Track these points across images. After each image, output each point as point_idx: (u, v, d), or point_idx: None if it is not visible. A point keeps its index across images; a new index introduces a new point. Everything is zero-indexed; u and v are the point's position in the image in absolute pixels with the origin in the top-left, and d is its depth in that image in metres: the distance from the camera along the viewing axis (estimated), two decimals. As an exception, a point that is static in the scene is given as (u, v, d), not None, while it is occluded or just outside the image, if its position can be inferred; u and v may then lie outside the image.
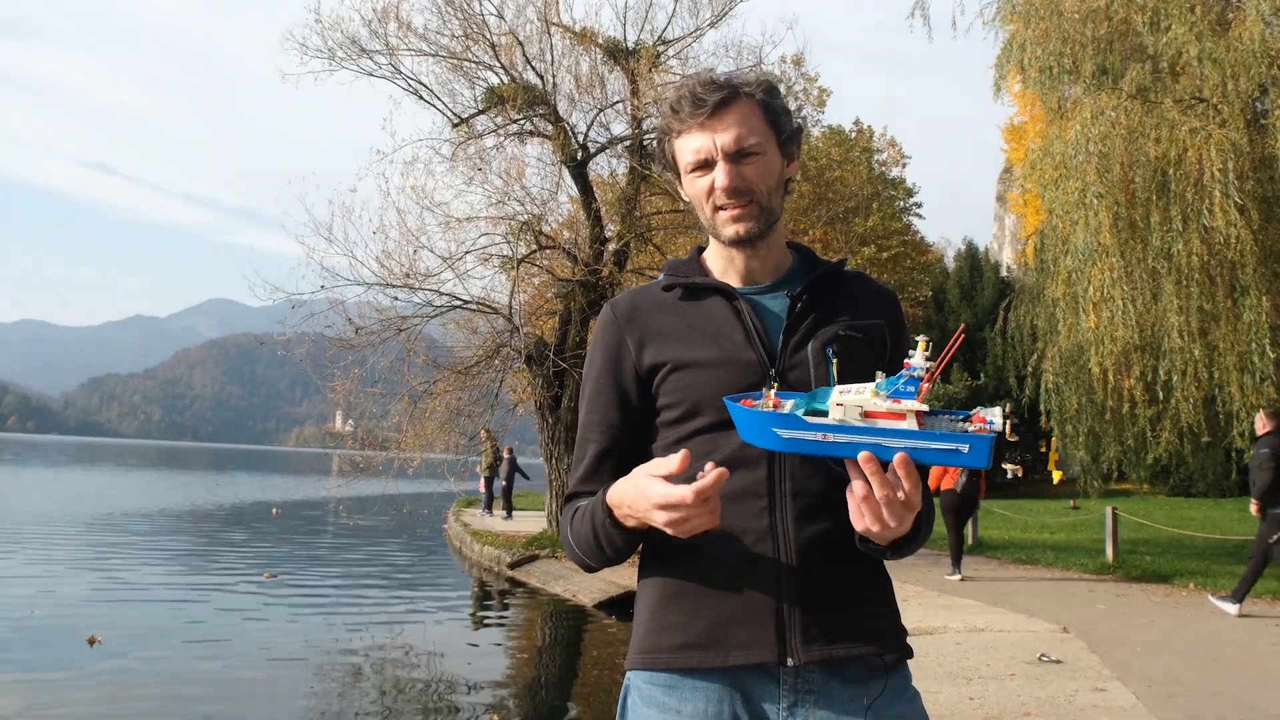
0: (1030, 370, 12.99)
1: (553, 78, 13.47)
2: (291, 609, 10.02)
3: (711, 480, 1.20)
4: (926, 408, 1.19)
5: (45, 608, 9.18)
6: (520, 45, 13.21)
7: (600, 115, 13.77)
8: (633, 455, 1.48)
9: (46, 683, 6.49)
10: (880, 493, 1.21)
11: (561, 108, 13.53)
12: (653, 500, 1.24)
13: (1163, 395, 10.75)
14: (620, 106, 13.78)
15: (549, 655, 8.87)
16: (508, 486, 20.04)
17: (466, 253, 13.33)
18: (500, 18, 13.29)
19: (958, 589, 10.29)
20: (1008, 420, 1.16)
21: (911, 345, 1.23)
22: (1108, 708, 5.21)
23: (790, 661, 1.37)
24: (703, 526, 1.25)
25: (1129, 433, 11.62)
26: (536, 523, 16.77)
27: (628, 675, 1.49)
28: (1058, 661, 6.41)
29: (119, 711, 5.94)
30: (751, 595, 1.39)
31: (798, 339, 1.47)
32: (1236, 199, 9.69)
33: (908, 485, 1.21)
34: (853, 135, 27.59)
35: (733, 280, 1.53)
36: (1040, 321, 12.46)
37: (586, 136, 13.74)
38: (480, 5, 13.23)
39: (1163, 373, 10.58)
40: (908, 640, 1.50)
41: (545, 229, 13.61)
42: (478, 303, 13.57)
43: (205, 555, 14.81)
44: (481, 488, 20.45)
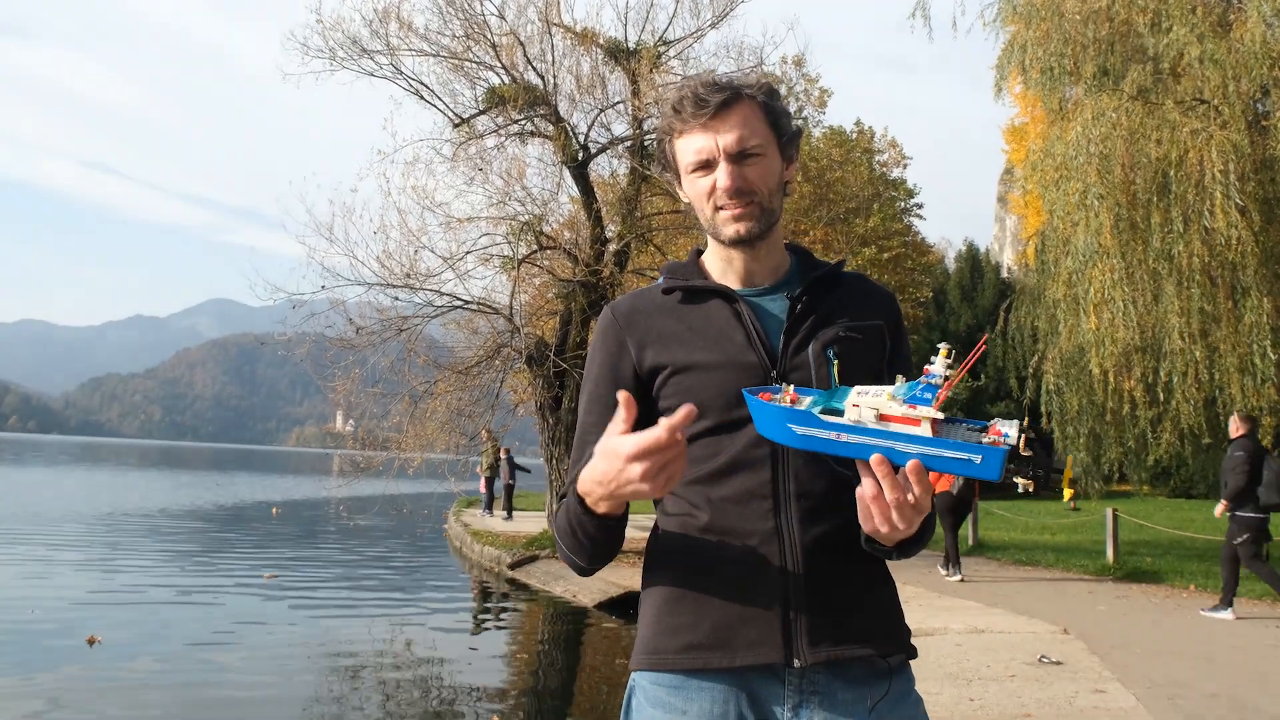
0: (1031, 371, 12.99)
1: (554, 78, 13.47)
2: (292, 609, 10.02)
3: (682, 415, 1.18)
4: (942, 415, 1.19)
5: (45, 608, 9.18)
6: (521, 45, 13.21)
7: (601, 116, 13.78)
8: None
9: (46, 682, 6.49)
10: (891, 495, 1.21)
11: (562, 108, 13.54)
12: (626, 453, 1.19)
13: (1163, 397, 10.75)
14: (621, 107, 13.79)
15: (549, 656, 8.87)
16: (509, 487, 20.06)
17: (467, 253, 13.34)
18: (501, 18, 13.30)
19: (958, 590, 10.29)
20: (1023, 434, 1.16)
21: (933, 351, 1.23)
22: (1108, 709, 5.21)
23: (796, 663, 1.37)
24: (678, 474, 1.21)
25: (1129, 434, 11.63)
26: (537, 523, 16.77)
27: (632, 676, 1.49)
28: (1058, 663, 6.41)
29: (119, 711, 5.94)
30: (757, 596, 1.39)
31: (798, 340, 1.47)
32: (1237, 200, 9.70)
33: (918, 490, 1.21)
34: (853, 136, 27.60)
35: (732, 282, 1.53)
36: (1041, 323, 12.47)
37: (587, 137, 13.75)
38: (481, 5, 13.24)
39: (1163, 374, 10.59)
40: (911, 641, 1.50)
41: (546, 229, 13.61)
42: (478, 303, 13.57)
43: (205, 555, 14.82)
44: (482, 488, 20.47)
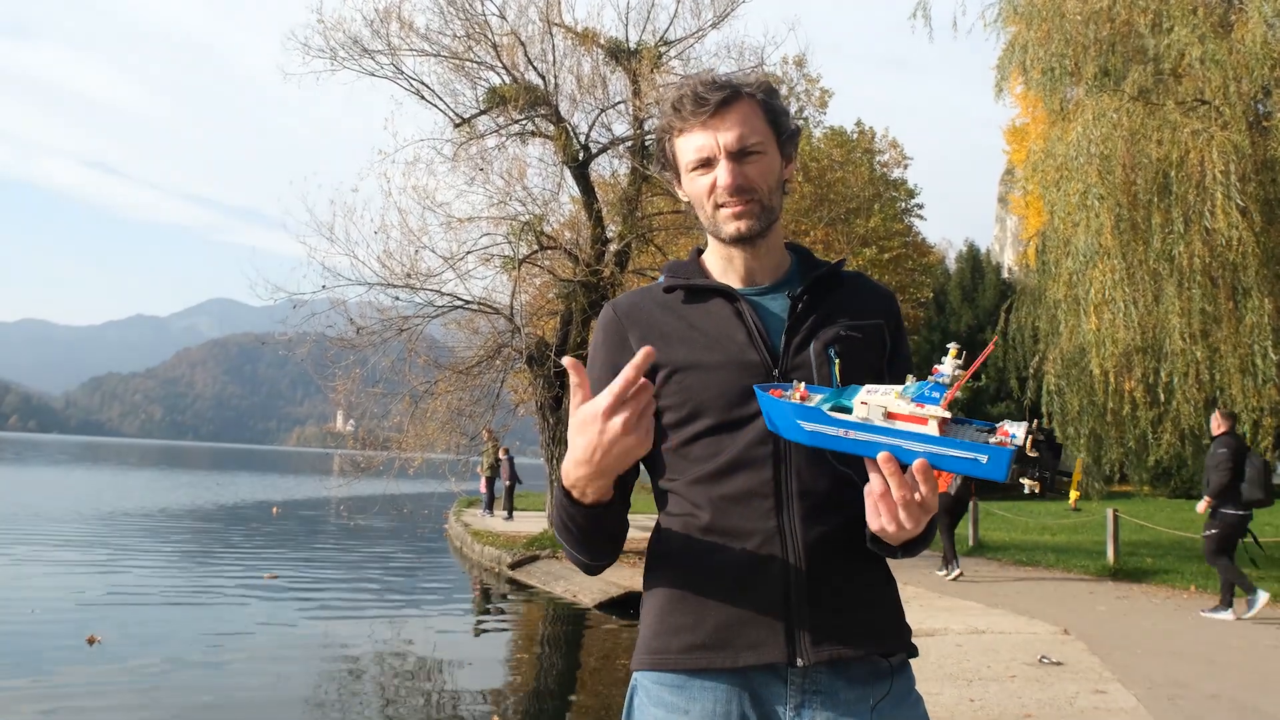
0: (1032, 372, 12.99)
1: (554, 78, 13.48)
2: (292, 609, 10.03)
3: (642, 356, 1.17)
4: (949, 415, 1.19)
5: (45, 607, 9.18)
6: (522, 46, 13.22)
7: (602, 116, 13.78)
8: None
9: (46, 682, 6.49)
10: (898, 493, 1.21)
11: (563, 108, 13.54)
12: (603, 408, 1.17)
13: (1164, 397, 10.75)
14: (622, 107, 13.79)
15: (550, 656, 8.87)
16: (510, 487, 20.07)
17: (468, 253, 13.34)
18: (502, 18, 13.31)
19: (958, 591, 10.29)
20: (1029, 436, 1.16)
21: (936, 352, 1.23)
22: (1108, 710, 5.20)
23: (799, 662, 1.37)
24: (652, 426, 1.20)
25: (1130, 435, 11.63)
26: (537, 523, 16.77)
27: (634, 676, 1.49)
28: (1058, 663, 6.41)
29: (119, 711, 5.94)
30: (760, 596, 1.39)
31: (799, 340, 1.47)
32: (1238, 201, 9.69)
33: (925, 489, 1.21)
34: (854, 136, 27.61)
35: (732, 281, 1.54)
36: (1042, 323, 12.46)
37: (588, 137, 13.75)
38: (482, 5, 13.25)
39: (1164, 375, 10.59)
40: (912, 640, 1.50)
41: (547, 229, 13.61)
42: (479, 303, 13.58)
43: (206, 555, 14.82)
44: (483, 488, 20.48)
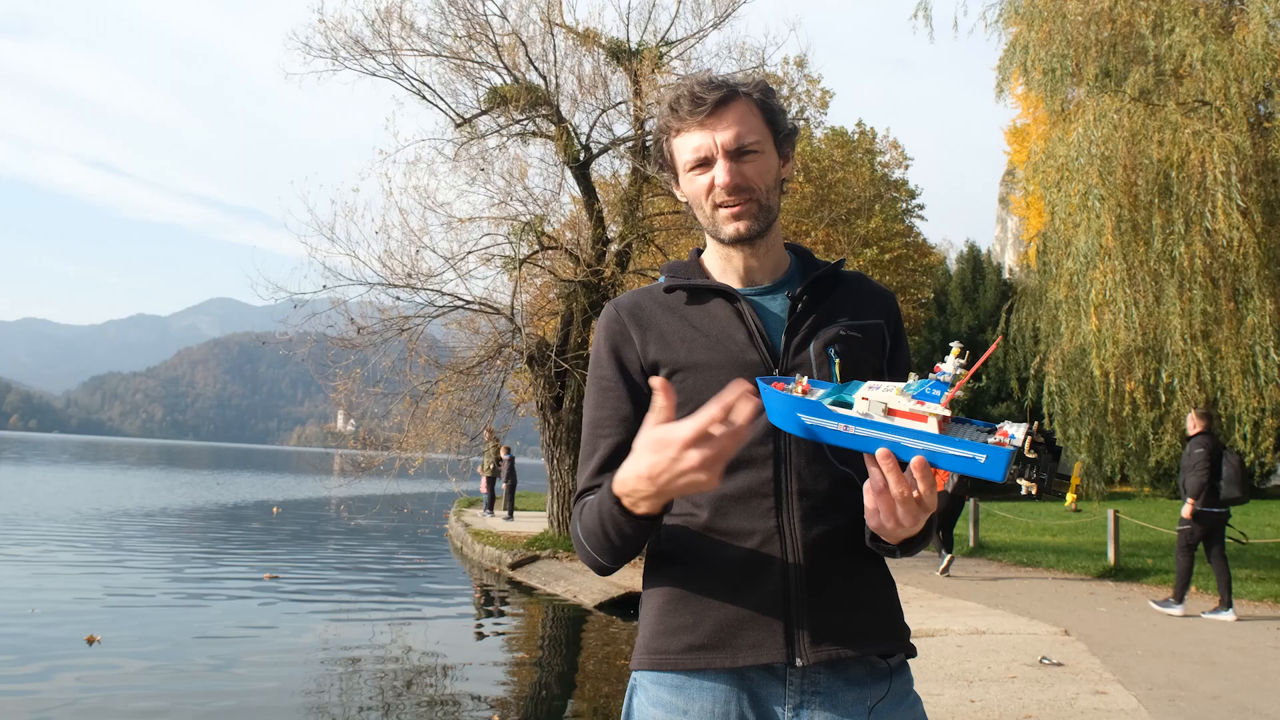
0: (1032, 373, 12.99)
1: (555, 78, 13.49)
2: (292, 609, 10.02)
3: (735, 393, 1.13)
4: (949, 413, 1.19)
5: (45, 606, 9.19)
6: (523, 46, 13.23)
7: (603, 116, 13.79)
8: None
9: (46, 682, 6.49)
10: (896, 490, 1.21)
11: (564, 108, 13.55)
12: (682, 438, 1.13)
13: (1165, 398, 10.75)
14: (623, 107, 13.80)
15: (550, 656, 8.87)
16: (510, 487, 20.07)
17: (469, 253, 13.35)
18: (503, 18, 13.32)
19: (959, 591, 10.29)
20: (1028, 437, 1.16)
21: (938, 352, 1.22)
22: (1109, 711, 5.20)
23: (799, 662, 1.38)
24: (731, 453, 1.15)
25: (1131, 435, 11.62)
26: (538, 523, 16.77)
27: (634, 675, 1.49)
28: (1059, 664, 6.40)
29: (119, 711, 5.94)
30: (759, 596, 1.39)
31: (799, 339, 1.48)
32: (1239, 202, 9.69)
33: (923, 487, 1.21)
34: (855, 137, 27.62)
35: (732, 281, 1.54)
36: (1042, 324, 12.46)
37: (589, 137, 13.76)
38: (483, 5, 13.26)
39: (1165, 376, 10.58)
40: (910, 640, 1.50)
41: (547, 229, 13.62)
42: (480, 303, 13.58)
43: (206, 555, 14.82)
44: (483, 488, 20.48)
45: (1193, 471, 8.67)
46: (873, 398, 1.22)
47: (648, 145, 13.13)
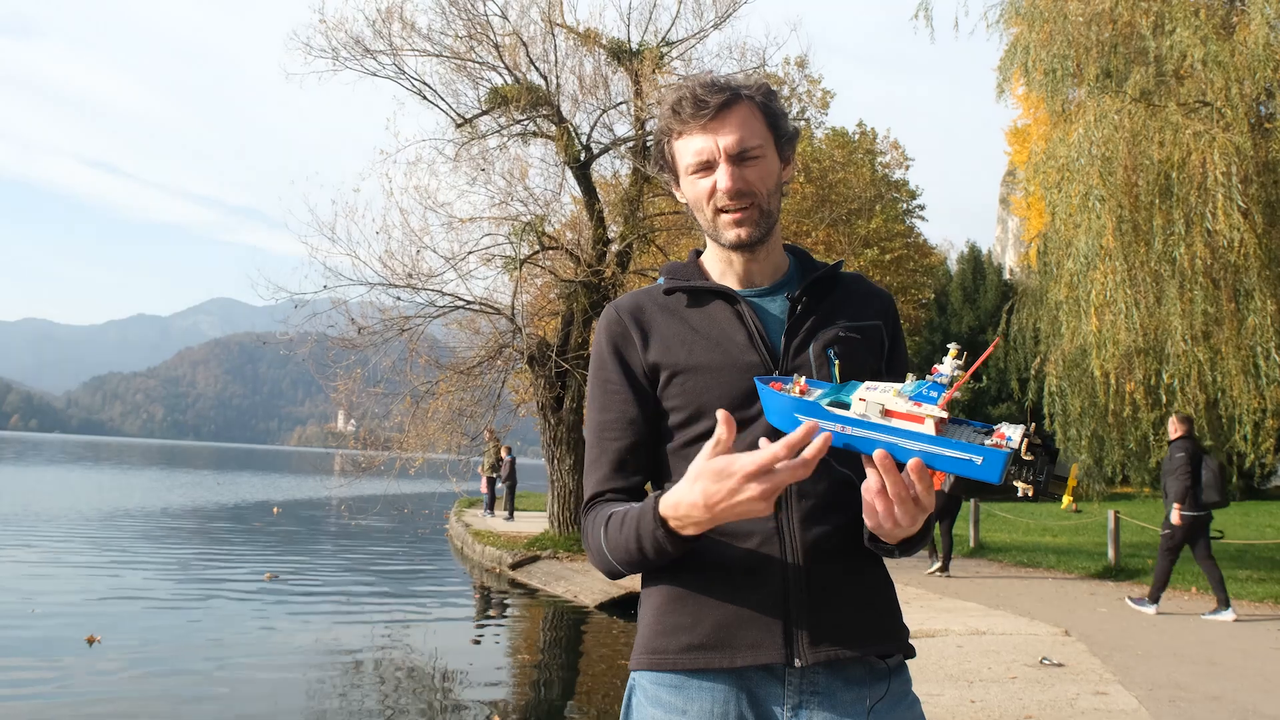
0: (1033, 373, 12.98)
1: (556, 78, 13.50)
2: (292, 609, 10.03)
3: (802, 432, 1.16)
4: (946, 414, 1.19)
5: (45, 606, 9.19)
6: (524, 46, 13.23)
7: (604, 116, 13.80)
8: (653, 453, 1.49)
9: (46, 682, 6.49)
10: (893, 490, 1.21)
11: (565, 108, 13.56)
12: (745, 472, 1.17)
13: (1166, 399, 10.74)
14: (624, 108, 13.81)
15: (550, 656, 8.87)
16: (511, 487, 20.07)
17: (469, 253, 13.36)
18: (504, 18, 13.33)
19: (959, 591, 10.29)
20: (1025, 439, 1.16)
21: (938, 352, 1.22)
22: (1109, 711, 5.20)
23: (797, 662, 1.38)
24: (783, 489, 1.19)
25: (1131, 436, 11.61)
26: (538, 524, 16.77)
27: (633, 675, 1.49)
28: (1059, 665, 6.40)
29: (118, 711, 5.94)
30: (758, 596, 1.39)
31: (799, 341, 1.48)
32: (1240, 203, 9.68)
33: (920, 488, 1.21)
34: (856, 137, 27.62)
35: (732, 283, 1.54)
36: (1043, 324, 12.46)
37: (590, 137, 13.76)
38: (484, 6, 13.27)
39: (1166, 376, 10.57)
40: (909, 640, 1.50)
41: (548, 230, 13.63)
42: (480, 303, 13.58)
43: (206, 555, 14.82)
44: (484, 488, 20.48)
45: (1174, 476, 8.73)
46: (870, 399, 1.22)
47: (648, 145, 13.13)
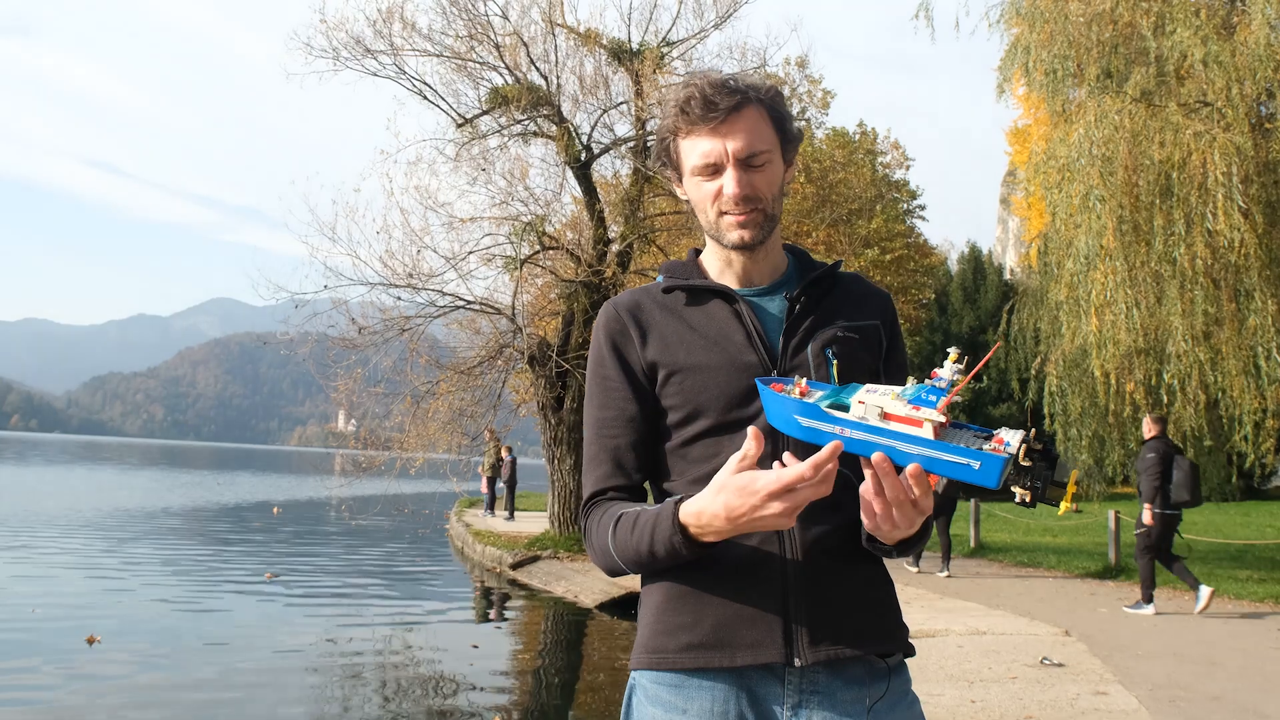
0: (1033, 373, 12.98)
1: (557, 78, 13.50)
2: (292, 609, 10.03)
3: (828, 452, 1.18)
4: (944, 419, 1.19)
5: (45, 606, 9.19)
6: (525, 46, 13.24)
7: (604, 116, 13.81)
8: (653, 451, 1.49)
9: (46, 682, 6.50)
10: (891, 493, 1.22)
11: (565, 108, 13.56)
12: (767, 490, 1.20)
13: (1166, 399, 10.74)
14: (624, 108, 13.81)
15: (551, 656, 8.87)
16: (511, 487, 20.07)
17: (470, 253, 13.37)
18: (505, 18, 13.33)
19: (960, 591, 10.29)
20: (1024, 445, 1.16)
21: (939, 353, 1.22)
22: (1110, 711, 5.20)
23: (797, 662, 1.38)
24: (811, 499, 1.22)
25: (1132, 436, 11.62)
26: (539, 523, 16.77)
27: (633, 675, 1.48)
28: (1060, 665, 6.40)
29: (118, 712, 5.94)
30: (758, 596, 1.39)
31: (797, 341, 1.48)
32: (1240, 203, 9.68)
33: (918, 492, 1.21)
34: (856, 137, 27.60)
35: (730, 282, 1.54)
36: (1043, 325, 12.46)
37: (590, 137, 13.77)
38: (485, 6, 13.27)
39: (1166, 377, 10.57)
40: (909, 640, 1.50)
41: (549, 230, 13.63)
42: (481, 303, 13.59)
43: (206, 555, 14.82)
44: (484, 488, 20.47)
45: (1146, 475, 8.79)
46: (869, 401, 1.22)
47: (649, 146, 13.14)
